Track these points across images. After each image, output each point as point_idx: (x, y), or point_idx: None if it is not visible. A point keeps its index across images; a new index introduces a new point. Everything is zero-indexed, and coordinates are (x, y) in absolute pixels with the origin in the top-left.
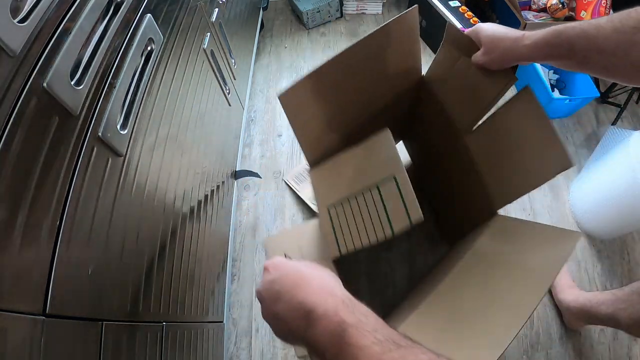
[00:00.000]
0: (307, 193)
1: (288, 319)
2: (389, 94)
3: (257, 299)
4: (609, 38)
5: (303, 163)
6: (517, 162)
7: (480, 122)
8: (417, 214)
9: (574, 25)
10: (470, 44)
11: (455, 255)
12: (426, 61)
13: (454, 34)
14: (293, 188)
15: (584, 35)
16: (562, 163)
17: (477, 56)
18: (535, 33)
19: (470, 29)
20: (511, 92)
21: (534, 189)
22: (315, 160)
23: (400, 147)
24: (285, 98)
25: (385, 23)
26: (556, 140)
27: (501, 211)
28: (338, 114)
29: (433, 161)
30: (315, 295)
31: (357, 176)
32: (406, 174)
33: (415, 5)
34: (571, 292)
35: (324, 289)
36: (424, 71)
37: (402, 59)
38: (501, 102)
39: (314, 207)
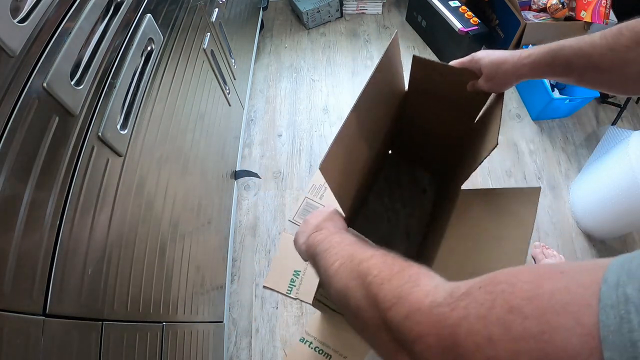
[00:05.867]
0: None
1: (304, 235)
2: (383, 120)
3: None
4: (604, 56)
5: (304, 191)
6: (476, 145)
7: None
8: None
9: (570, 43)
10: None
11: (435, 235)
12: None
13: (442, 67)
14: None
15: (580, 53)
16: (491, 143)
17: (480, 83)
18: (532, 52)
19: (467, 59)
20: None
21: (476, 168)
22: (350, 211)
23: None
24: (325, 168)
25: (385, 52)
26: (495, 126)
27: None
28: (357, 163)
29: (429, 153)
30: (318, 222)
31: None
32: None
33: (396, 30)
34: None
35: (324, 219)
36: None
37: (394, 81)
38: None
39: None
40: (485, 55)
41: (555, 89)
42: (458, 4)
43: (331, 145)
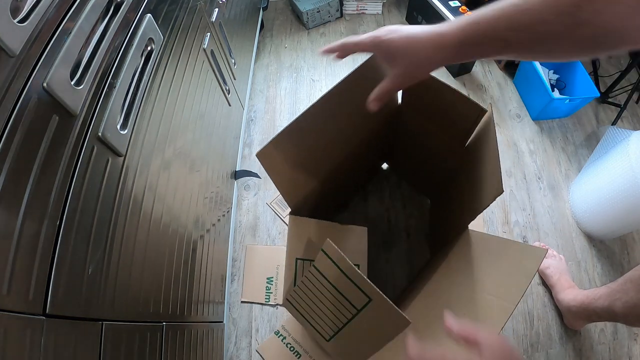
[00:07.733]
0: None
1: None
2: (366, 129)
3: None
4: (549, 23)
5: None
6: (477, 183)
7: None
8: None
9: (498, 15)
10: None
11: (431, 269)
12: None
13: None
14: (277, 214)
15: (517, 26)
16: (497, 189)
17: (387, 83)
18: (455, 29)
19: (367, 41)
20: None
21: (482, 210)
22: (297, 205)
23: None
24: (263, 155)
25: (363, 62)
26: (496, 168)
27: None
28: (317, 159)
29: (424, 174)
30: None
31: None
32: (366, 264)
33: None
34: (570, 292)
35: None
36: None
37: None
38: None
39: None
40: (391, 32)
41: (555, 89)
42: (458, 4)
43: (276, 135)
